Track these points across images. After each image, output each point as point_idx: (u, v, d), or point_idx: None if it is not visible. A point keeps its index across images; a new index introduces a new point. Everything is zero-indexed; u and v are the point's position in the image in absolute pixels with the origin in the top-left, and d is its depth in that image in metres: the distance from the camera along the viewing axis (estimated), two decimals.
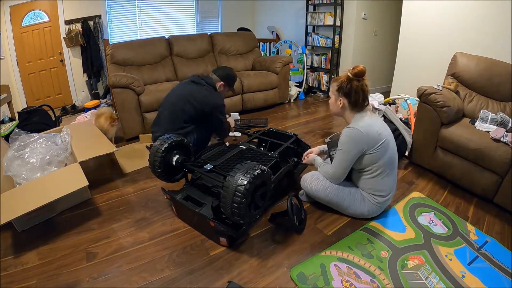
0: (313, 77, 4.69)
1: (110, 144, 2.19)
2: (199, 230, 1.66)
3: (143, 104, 2.86)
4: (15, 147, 1.98)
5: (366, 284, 1.33)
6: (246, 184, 1.30)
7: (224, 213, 1.40)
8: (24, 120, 2.78)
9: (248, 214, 1.38)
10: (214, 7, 5.08)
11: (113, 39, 4.25)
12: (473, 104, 2.33)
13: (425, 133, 2.23)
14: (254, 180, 1.33)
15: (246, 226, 1.59)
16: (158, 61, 3.56)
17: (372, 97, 2.69)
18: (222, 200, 1.36)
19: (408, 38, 3.19)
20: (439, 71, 2.68)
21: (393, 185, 1.70)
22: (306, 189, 1.78)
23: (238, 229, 1.55)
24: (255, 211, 1.45)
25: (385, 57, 4.46)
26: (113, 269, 1.42)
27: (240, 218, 1.34)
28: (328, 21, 4.16)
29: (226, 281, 1.34)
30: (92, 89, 4.26)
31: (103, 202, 1.95)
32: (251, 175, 1.33)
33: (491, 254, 1.51)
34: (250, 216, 1.41)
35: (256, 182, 1.36)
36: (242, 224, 1.50)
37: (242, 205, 1.30)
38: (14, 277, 1.37)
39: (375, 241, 1.58)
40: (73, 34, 3.90)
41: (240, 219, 1.35)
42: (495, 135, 1.87)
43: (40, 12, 3.76)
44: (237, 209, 1.30)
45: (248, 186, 1.30)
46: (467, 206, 1.94)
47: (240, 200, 1.29)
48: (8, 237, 1.63)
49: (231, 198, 1.31)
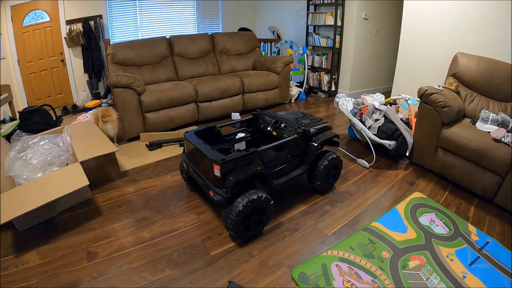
0: (314, 77, 4.68)
1: (111, 143, 2.19)
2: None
3: (144, 104, 2.86)
4: (17, 148, 1.98)
5: (367, 284, 1.33)
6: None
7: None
8: (25, 119, 2.78)
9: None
10: (215, 7, 5.09)
11: (114, 39, 4.26)
12: (474, 105, 2.33)
13: (426, 134, 2.23)
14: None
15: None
16: (159, 61, 3.56)
17: (373, 97, 2.69)
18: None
19: (409, 38, 3.19)
20: (440, 72, 2.68)
21: None
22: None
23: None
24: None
25: (386, 57, 4.46)
26: (113, 269, 1.42)
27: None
28: (329, 21, 4.16)
29: (226, 281, 1.34)
30: (93, 89, 4.27)
31: (104, 201, 1.95)
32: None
33: (492, 254, 1.51)
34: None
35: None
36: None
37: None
38: (14, 276, 1.37)
39: (376, 241, 1.58)
40: (74, 34, 3.90)
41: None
42: (496, 135, 1.87)
43: (41, 12, 3.77)
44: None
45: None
46: (467, 206, 1.94)
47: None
48: (8, 236, 1.63)
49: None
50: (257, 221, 1.57)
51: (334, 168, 1.99)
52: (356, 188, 2.11)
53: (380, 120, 2.47)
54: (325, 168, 1.88)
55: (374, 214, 1.83)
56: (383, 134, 2.40)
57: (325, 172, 1.90)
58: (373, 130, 2.44)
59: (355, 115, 2.59)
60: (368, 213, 1.84)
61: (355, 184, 2.17)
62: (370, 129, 2.45)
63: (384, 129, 2.41)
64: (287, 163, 1.80)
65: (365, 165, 2.41)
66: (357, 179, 2.23)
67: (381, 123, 2.45)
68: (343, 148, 2.73)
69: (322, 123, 1.98)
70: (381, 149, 2.45)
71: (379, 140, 2.35)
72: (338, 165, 2.02)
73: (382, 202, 1.96)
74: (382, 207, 1.91)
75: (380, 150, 2.47)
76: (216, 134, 1.93)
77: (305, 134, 1.84)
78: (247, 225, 1.53)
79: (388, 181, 2.20)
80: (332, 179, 2.04)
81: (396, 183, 2.19)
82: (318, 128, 1.91)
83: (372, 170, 2.37)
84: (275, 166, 1.74)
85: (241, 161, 1.52)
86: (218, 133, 1.95)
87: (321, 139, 1.87)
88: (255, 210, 1.53)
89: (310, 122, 1.96)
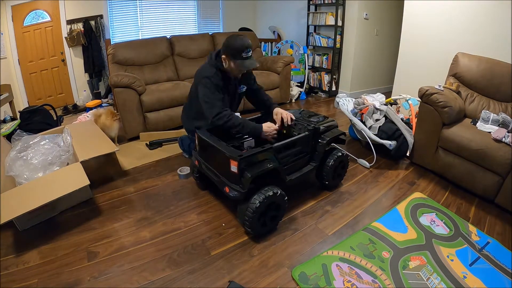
0: (315, 77, 4.68)
1: (111, 143, 2.19)
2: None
3: (144, 103, 2.86)
4: (18, 148, 1.98)
5: (368, 284, 1.33)
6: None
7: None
8: (25, 119, 2.78)
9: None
10: (215, 7, 5.09)
11: (114, 38, 4.26)
12: (475, 105, 2.33)
13: (427, 134, 2.23)
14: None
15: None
16: (160, 61, 3.56)
17: (373, 97, 2.69)
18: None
19: (410, 38, 3.19)
20: (440, 72, 2.68)
21: None
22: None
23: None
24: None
25: (386, 57, 4.45)
26: (114, 269, 1.42)
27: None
28: (330, 21, 4.15)
29: (227, 281, 1.34)
30: (93, 89, 4.27)
31: (104, 201, 1.95)
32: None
33: (493, 255, 1.51)
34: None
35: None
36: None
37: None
38: (15, 276, 1.37)
39: (376, 242, 1.58)
40: (74, 34, 3.90)
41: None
42: (497, 135, 1.87)
43: (41, 12, 3.77)
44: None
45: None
46: (468, 206, 1.94)
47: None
48: (9, 236, 1.63)
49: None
50: (272, 216, 1.61)
51: (341, 166, 2.06)
52: (357, 188, 2.11)
53: (381, 120, 2.47)
54: (333, 165, 1.94)
55: (375, 214, 1.83)
56: (383, 134, 2.40)
57: (333, 169, 1.96)
58: (374, 130, 2.44)
59: (355, 115, 2.59)
60: (368, 213, 1.84)
61: (355, 184, 2.16)
62: (371, 129, 2.45)
63: (385, 129, 2.41)
64: (299, 160, 1.85)
65: (366, 165, 2.41)
66: (357, 179, 2.23)
67: (382, 123, 2.45)
68: (344, 148, 2.72)
69: (330, 121, 2.03)
70: (382, 149, 2.45)
71: (380, 140, 2.35)
72: (344, 162, 2.08)
73: (382, 202, 1.96)
74: (383, 207, 1.91)
75: (380, 150, 2.47)
76: (225, 132, 1.94)
77: (316, 132, 1.89)
78: (263, 221, 1.57)
79: (389, 181, 2.20)
80: (338, 177, 2.09)
81: (396, 183, 2.19)
82: (326, 126, 1.96)
83: (372, 170, 2.36)
84: (288, 162, 1.78)
85: (257, 158, 1.56)
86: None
87: (329, 136, 1.92)
88: (270, 206, 1.57)
89: (319, 120, 2.01)
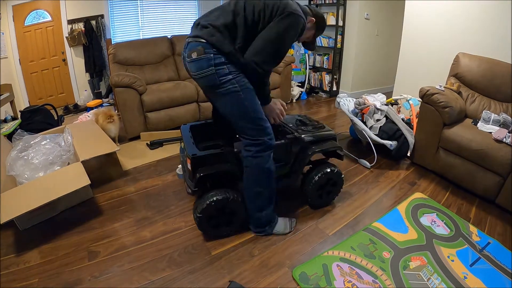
0: (316, 77, 4.68)
1: (112, 143, 2.20)
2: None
3: (145, 103, 2.86)
4: (19, 148, 1.98)
5: (368, 284, 1.33)
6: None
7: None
8: (26, 119, 2.78)
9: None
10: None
11: (115, 38, 4.25)
12: (476, 105, 2.33)
13: (427, 134, 2.23)
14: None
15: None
16: (160, 61, 3.56)
17: (374, 97, 2.68)
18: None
19: (411, 39, 3.18)
20: (441, 72, 2.68)
21: None
22: None
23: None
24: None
25: (387, 57, 4.44)
26: (114, 268, 1.42)
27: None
28: (331, 21, 4.15)
29: (227, 281, 1.34)
30: (94, 89, 4.27)
31: (105, 201, 1.95)
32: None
33: (493, 255, 1.51)
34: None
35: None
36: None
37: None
38: (16, 275, 1.37)
39: (377, 242, 1.58)
40: (75, 34, 3.90)
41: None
42: (498, 136, 1.86)
43: (42, 12, 3.77)
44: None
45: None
46: (469, 207, 1.93)
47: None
48: (10, 235, 1.64)
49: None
50: (227, 221, 1.58)
51: (331, 184, 1.80)
52: (357, 188, 2.11)
53: (382, 120, 2.47)
54: (317, 182, 1.71)
55: (375, 214, 1.83)
56: (384, 134, 2.40)
57: (316, 186, 1.74)
58: (375, 130, 2.43)
59: (356, 115, 2.59)
60: (369, 214, 1.84)
61: (356, 184, 2.16)
62: (372, 129, 2.44)
63: (386, 129, 2.41)
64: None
65: (366, 165, 2.41)
66: (358, 179, 2.23)
67: (383, 123, 2.45)
68: (344, 148, 2.73)
69: (324, 131, 1.79)
70: (383, 149, 2.45)
71: (381, 140, 2.35)
72: (335, 180, 1.79)
73: (383, 202, 1.96)
74: (383, 207, 1.91)
75: (381, 150, 2.47)
76: (215, 130, 1.87)
77: (297, 141, 1.69)
78: (215, 223, 1.56)
79: (389, 182, 2.20)
80: (328, 195, 1.84)
81: (397, 183, 2.18)
82: (316, 136, 1.73)
83: (373, 170, 2.36)
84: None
85: (213, 158, 1.53)
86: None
87: (318, 148, 1.71)
88: (224, 210, 1.53)
89: (310, 129, 1.78)
